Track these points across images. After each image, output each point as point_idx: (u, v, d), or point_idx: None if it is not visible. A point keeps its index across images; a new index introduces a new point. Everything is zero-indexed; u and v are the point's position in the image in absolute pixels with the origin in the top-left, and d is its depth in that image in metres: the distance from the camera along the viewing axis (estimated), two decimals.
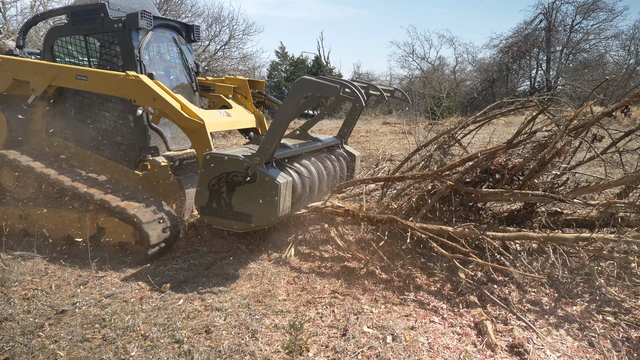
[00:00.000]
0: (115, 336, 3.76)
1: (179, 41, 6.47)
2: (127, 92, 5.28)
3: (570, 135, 4.32)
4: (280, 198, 4.45)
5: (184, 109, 5.20)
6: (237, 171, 4.53)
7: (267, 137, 4.51)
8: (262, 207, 4.50)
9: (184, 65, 6.55)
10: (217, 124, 5.62)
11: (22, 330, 3.88)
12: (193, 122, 5.14)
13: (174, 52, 6.47)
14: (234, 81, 7.06)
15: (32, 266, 5.22)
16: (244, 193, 4.55)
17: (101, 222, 5.48)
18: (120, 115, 5.90)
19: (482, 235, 4.24)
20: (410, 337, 3.64)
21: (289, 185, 4.64)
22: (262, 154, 4.50)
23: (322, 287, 4.59)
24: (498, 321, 3.85)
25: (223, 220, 4.74)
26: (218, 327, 3.85)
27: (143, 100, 5.21)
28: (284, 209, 4.57)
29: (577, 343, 3.54)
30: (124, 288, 4.68)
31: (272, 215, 4.52)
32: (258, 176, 4.47)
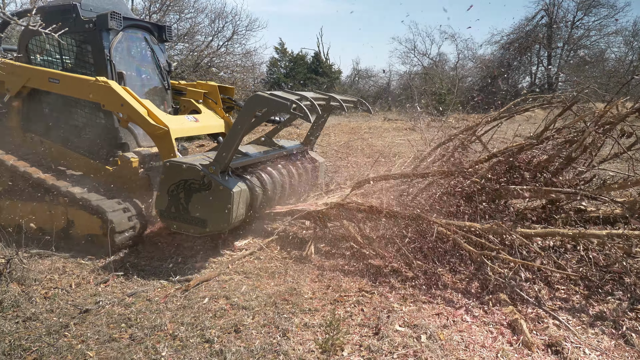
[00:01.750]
0: (143, 336, 3.70)
1: (150, 41, 6.67)
2: (96, 97, 5.53)
3: (598, 132, 4.27)
4: (234, 206, 4.73)
5: (150, 114, 5.43)
6: (194, 179, 4.80)
7: (222, 148, 4.74)
8: (216, 214, 4.78)
9: (156, 64, 6.75)
10: (182, 129, 5.83)
11: (47, 329, 3.81)
12: (158, 128, 5.37)
13: (145, 52, 6.66)
14: (205, 86, 7.26)
15: (50, 264, 5.14)
16: (200, 200, 4.82)
17: (70, 215, 5.62)
18: (92, 113, 6.08)
19: (511, 232, 4.20)
20: (444, 335, 3.59)
21: (243, 193, 4.89)
22: (217, 163, 4.75)
23: (348, 286, 4.54)
24: (531, 319, 3.81)
25: (180, 224, 5.01)
26: (247, 326, 3.80)
27: (111, 105, 5.50)
28: (237, 216, 4.86)
29: (614, 341, 3.50)
30: (146, 287, 4.61)
31: (226, 222, 4.80)
32: (213, 184, 4.73)
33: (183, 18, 20.14)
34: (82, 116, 6.13)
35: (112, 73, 5.87)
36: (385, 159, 10.54)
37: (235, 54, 22.28)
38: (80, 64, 6.07)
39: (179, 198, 4.91)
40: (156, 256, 5.45)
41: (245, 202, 4.97)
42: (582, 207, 4.99)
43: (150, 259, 5.36)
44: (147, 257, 5.41)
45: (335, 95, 5.75)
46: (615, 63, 29.60)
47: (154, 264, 5.22)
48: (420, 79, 33.70)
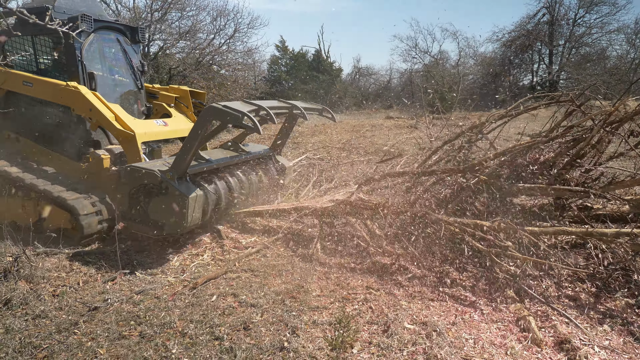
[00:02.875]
0: (153, 333, 3.71)
1: (123, 42, 6.86)
2: (67, 101, 5.78)
3: (606, 130, 4.27)
4: (189, 210, 4.93)
5: (118, 119, 5.67)
6: (152, 184, 5.01)
7: (179, 156, 4.93)
8: (172, 218, 4.97)
9: (129, 64, 6.94)
10: (150, 133, 6.05)
11: (57, 327, 3.82)
12: (124, 133, 5.60)
13: (117, 53, 6.84)
14: (177, 91, 7.47)
15: (57, 262, 5.14)
16: (158, 203, 5.04)
17: (42, 209, 5.82)
18: (66, 112, 6.22)
19: (520, 230, 4.20)
20: (453, 333, 3.60)
21: (199, 198, 5.08)
22: (174, 170, 4.95)
23: (355, 283, 4.55)
24: (539, 317, 3.82)
25: (140, 226, 5.23)
26: (256, 324, 3.81)
27: (81, 110, 5.72)
28: (192, 220, 5.05)
29: (623, 338, 3.51)
30: (154, 284, 4.62)
31: (180, 226, 4.99)
32: (170, 190, 4.93)
33: (185, 16, 20.12)
34: (57, 115, 6.33)
35: (84, 73, 6.11)
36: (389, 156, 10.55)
37: (237, 51, 22.27)
38: (54, 65, 6.32)
39: (139, 201, 5.15)
40: (162, 254, 5.45)
41: (201, 207, 5.18)
42: (589, 205, 4.99)
43: (156, 257, 5.37)
44: (153, 255, 5.41)
45: (297, 103, 5.94)
46: (616, 61, 29.55)
47: (161, 262, 5.23)
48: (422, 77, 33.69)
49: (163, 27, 19.57)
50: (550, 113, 6.41)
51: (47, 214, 5.76)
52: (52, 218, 5.74)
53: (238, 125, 4.68)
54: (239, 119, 4.55)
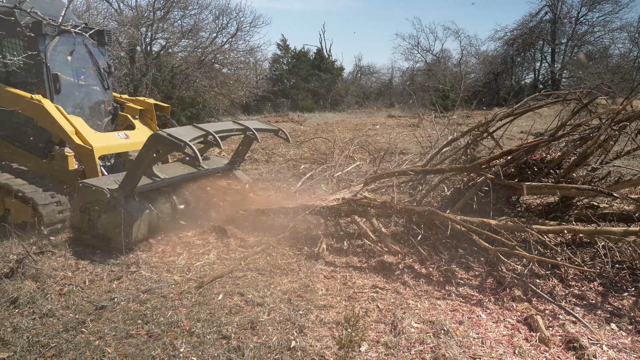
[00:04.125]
0: (160, 332, 3.71)
1: (89, 45, 7.06)
2: (30, 113, 6.04)
3: (613, 129, 4.26)
4: (134, 229, 5.23)
5: (78, 133, 5.92)
6: (101, 200, 5.29)
7: (127, 177, 5.24)
8: (118, 234, 5.21)
9: (95, 66, 7.13)
10: (109, 147, 6.33)
11: (64, 326, 3.82)
12: (83, 147, 5.88)
13: (83, 55, 7.02)
14: (142, 103, 7.69)
15: (63, 261, 5.15)
16: (106, 219, 5.31)
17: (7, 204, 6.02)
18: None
19: (526, 229, 4.19)
20: (460, 332, 3.60)
21: (144, 217, 5.36)
22: (122, 189, 5.23)
23: (362, 282, 4.55)
24: (546, 316, 3.82)
25: (89, 239, 5.49)
26: (263, 323, 3.81)
27: (43, 122, 6.00)
28: (137, 236, 5.33)
29: (631, 337, 3.51)
30: (160, 283, 4.62)
31: (127, 240, 5.24)
32: (117, 208, 5.20)
33: (187, 14, 20.12)
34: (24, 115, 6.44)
35: (48, 75, 6.31)
36: (393, 155, 10.54)
37: (239, 50, 22.25)
38: (22, 67, 6.45)
39: (90, 215, 5.43)
40: (168, 253, 5.46)
41: (147, 225, 5.43)
42: (595, 204, 4.98)
43: (162, 256, 5.37)
44: (159, 254, 5.42)
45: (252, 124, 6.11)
46: (619, 59, 29.48)
47: (166, 261, 5.23)
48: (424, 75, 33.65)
49: (165, 26, 19.56)
50: (553, 112, 6.41)
51: (11, 208, 5.99)
52: (16, 212, 5.94)
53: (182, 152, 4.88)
54: (181, 147, 4.78)
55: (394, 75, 39.43)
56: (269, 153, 12.57)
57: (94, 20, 16.73)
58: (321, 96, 32.64)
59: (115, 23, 18.17)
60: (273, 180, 9.50)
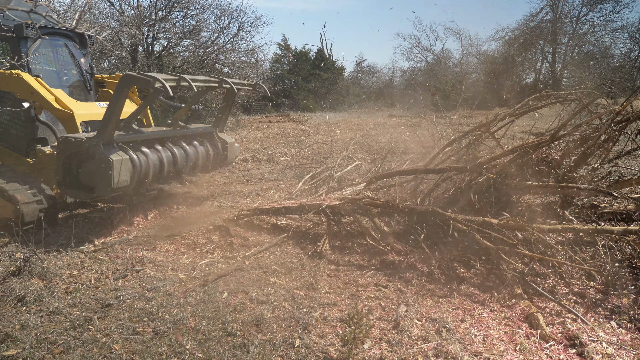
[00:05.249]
0: (166, 329, 3.76)
1: (71, 46, 7.29)
2: (10, 87, 6.20)
3: (614, 129, 4.31)
4: (114, 172, 5.25)
5: (58, 101, 6.06)
6: (80, 150, 5.37)
7: (102, 124, 5.30)
8: (100, 181, 5.31)
9: (77, 67, 7.35)
10: (90, 114, 6.40)
11: (71, 323, 3.87)
12: (63, 112, 6.03)
13: (65, 56, 7.24)
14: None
15: (68, 259, 5.21)
16: (87, 168, 5.40)
17: None
18: (14, 111, 6.53)
19: (528, 228, 4.24)
20: (462, 329, 3.65)
21: (125, 162, 5.38)
22: (99, 136, 5.29)
23: (365, 281, 4.60)
24: (547, 313, 3.87)
25: (73, 191, 5.66)
26: (268, 320, 3.86)
27: (23, 94, 6.11)
28: (119, 181, 5.35)
29: (630, 335, 3.55)
30: (165, 282, 4.67)
31: (108, 186, 5.30)
32: (96, 154, 5.27)
33: (189, 14, 20.17)
34: (7, 114, 6.64)
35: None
36: (394, 155, 10.59)
37: (241, 50, 22.30)
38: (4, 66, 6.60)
39: (71, 168, 5.50)
40: (172, 252, 5.52)
41: (129, 171, 5.46)
42: (596, 203, 5.03)
43: (166, 255, 5.43)
44: (163, 253, 5.48)
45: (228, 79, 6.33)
46: (620, 59, 29.51)
47: (170, 259, 5.29)
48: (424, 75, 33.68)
49: (167, 26, 19.63)
50: (554, 112, 6.45)
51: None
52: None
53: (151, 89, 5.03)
54: (150, 83, 4.94)
55: (395, 75, 39.52)
56: (271, 153, 12.63)
57: (96, 20, 16.79)
58: (322, 96, 32.70)
59: (117, 23, 18.24)
60: (275, 180, 9.56)
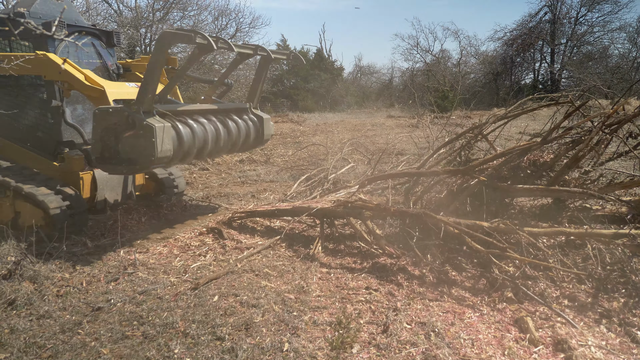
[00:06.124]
0: (156, 333, 3.76)
1: (98, 45, 7.06)
2: (37, 70, 5.83)
3: (605, 132, 4.31)
4: (157, 140, 4.88)
5: (88, 79, 5.71)
6: (119, 120, 5.00)
7: (141, 89, 4.97)
8: (142, 151, 4.94)
9: (104, 67, 7.11)
10: (121, 92, 6.01)
11: (61, 327, 3.87)
12: (94, 89, 5.64)
13: (92, 55, 7.02)
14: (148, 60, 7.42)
15: (60, 263, 5.20)
16: (127, 140, 5.02)
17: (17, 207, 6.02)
18: (41, 112, 6.44)
19: (518, 231, 4.24)
20: (451, 333, 3.65)
21: (167, 129, 5.03)
22: (139, 102, 4.93)
23: (356, 284, 4.59)
24: (537, 317, 3.86)
25: (114, 167, 5.25)
26: (257, 324, 3.86)
27: (51, 74, 5.79)
28: (162, 150, 4.97)
29: (619, 339, 3.55)
30: (156, 285, 4.67)
31: (152, 156, 4.92)
32: (137, 122, 4.91)
33: (187, 15, 20.20)
34: (33, 116, 6.51)
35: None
36: (390, 156, 10.59)
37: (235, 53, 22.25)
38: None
39: (110, 142, 5.12)
40: (165, 254, 5.52)
41: (172, 140, 5.12)
42: (588, 206, 5.02)
43: (159, 257, 5.43)
44: (155, 256, 5.47)
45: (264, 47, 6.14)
46: (618, 59, 29.52)
47: (163, 262, 5.28)
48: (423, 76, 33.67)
49: (165, 27, 19.60)
50: (551, 112, 6.44)
51: (22, 212, 5.99)
52: (27, 215, 5.94)
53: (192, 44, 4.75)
54: (191, 38, 4.67)
55: (394, 75, 39.51)
56: (268, 154, 12.62)
57: (94, 21, 16.79)
58: (321, 96, 32.69)
59: (115, 24, 18.24)
60: (270, 182, 9.57)
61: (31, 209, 5.87)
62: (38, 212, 5.81)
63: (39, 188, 5.88)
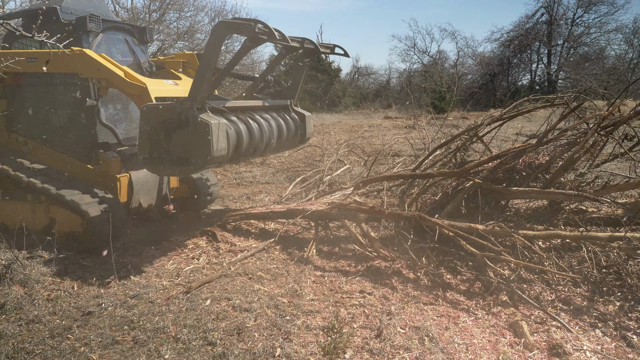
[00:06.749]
0: (146, 338, 3.71)
1: (131, 42, 6.72)
2: (73, 67, 5.51)
3: (600, 134, 4.28)
4: (213, 137, 4.51)
5: (127, 76, 5.36)
6: (171, 118, 4.62)
7: (195, 82, 4.60)
8: (197, 149, 4.58)
9: (138, 65, 6.75)
10: (162, 90, 5.67)
11: (50, 332, 3.82)
12: (136, 86, 5.27)
13: (125, 53, 6.70)
14: (183, 56, 7.20)
15: (52, 266, 5.14)
16: (180, 138, 4.65)
17: (52, 213, 5.73)
18: (74, 113, 6.12)
19: (513, 234, 4.20)
20: (445, 338, 3.61)
21: (222, 126, 4.67)
22: (192, 98, 4.56)
23: (350, 287, 4.55)
24: (532, 321, 3.83)
25: (165, 168, 4.85)
26: (249, 329, 3.81)
27: (88, 72, 5.44)
28: (218, 149, 4.60)
29: (615, 343, 3.52)
30: (148, 288, 4.62)
31: (208, 155, 4.54)
32: (191, 119, 4.54)
33: (183, 16, 20.16)
34: (65, 116, 6.20)
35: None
36: (386, 158, 10.55)
37: (235, 52, 22.23)
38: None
39: (159, 141, 4.74)
40: (157, 257, 5.46)
41: (226, 138, 4.79)
42: (584, 208, 4.99)
43: (152, 260, 5.37)
44: (149, 259, 5.42)
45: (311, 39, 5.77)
46: (615, 61, 29.59)
47: (156, 265, 5.23)
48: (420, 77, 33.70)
49: (161, 28, 19.58)
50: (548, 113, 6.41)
51: (58, 218, 5.67)
52: (63, 222, 5.64)
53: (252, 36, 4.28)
54: (250, 27, 4.21)
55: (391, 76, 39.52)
56: None
57: None
58: (318, 98, 32.64)
59: None
60: (266, 184, 9.52)
61: (68, 215, 5.55)
62: (75, 219, 5.52)
63: (76, 193, 5.53)
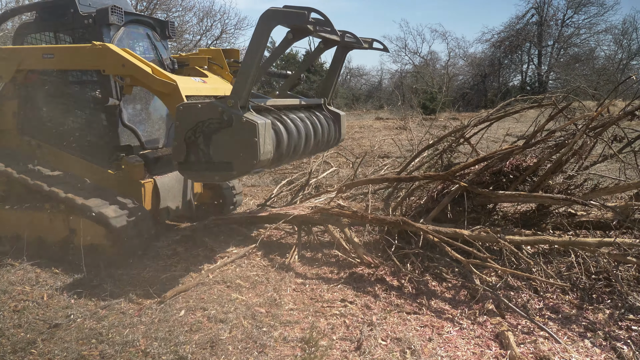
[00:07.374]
0: (114, 352, 3.51)
1: (153, 37, 6.26)
2: (95, 63, 5.06)
3: (589, 135, 4.14)
4: (260, 139, 4.07)
5: (155, 72, 4.93)
6: (212, 118, 4.16)
7: (239, 79, 4.17)
8: (241, 152, 4.13)
9: (159, 60, 6.28)
10: (191, 88, 5.23)
11: (12, 347, 3.61)
12: (165, 84, 4.80)
13: (147, 48, 6.24)
14: (208, 52, 6.71)
15: (22, 274, 4.92)
16: (221, 140, 4.20)
17: (72, 224, 5.25)
18: (93, 113, 5.70)
19: (500, 240, 4.05)
20: (428, 350, 3.44)
21: (268, 126, 4.26)
22: (236, 96, 4.10)
23: (331, 296, 4.38)
24: (519, 331, 3.67)
25: (203, 174, 4.41)
26: (223, 341, 3.62)
27: (112, 68, 4.97)
28: (265, 152, 4.18)
29: (605, 354, 3.37)
30: (121, 298, 4.41)
31: (254, 159, 4.11)
32: (234, 119, 4.08)
33: (171, 17, 19.89)
34: (83, 117, 5.78)
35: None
36: (374, 159, 10.40)
37: None
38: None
39: (198, 143, 4.24)
40: (134, 264, 5.24)
41: (272, 139, 4.34)
42: (573, 212, 4.86)
43: (127, 268, 5.14)
44: (123, 266, 5.19)
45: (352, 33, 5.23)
46: (605, 61, 29.73)
47: (131, 273, 5.02)
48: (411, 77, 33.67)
49: None
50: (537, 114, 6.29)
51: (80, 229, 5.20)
52: (84, 233, 5.18)
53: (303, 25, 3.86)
54: (304, 16, 3.79)
55: (383, 77, 39.51)
56: None
57: None
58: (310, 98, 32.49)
59: None
60: (252, 186, 9.33)
61: (90, 225, 5.08)
62: (99, 230, 5.06)
63: (99, 201, 5.12)
